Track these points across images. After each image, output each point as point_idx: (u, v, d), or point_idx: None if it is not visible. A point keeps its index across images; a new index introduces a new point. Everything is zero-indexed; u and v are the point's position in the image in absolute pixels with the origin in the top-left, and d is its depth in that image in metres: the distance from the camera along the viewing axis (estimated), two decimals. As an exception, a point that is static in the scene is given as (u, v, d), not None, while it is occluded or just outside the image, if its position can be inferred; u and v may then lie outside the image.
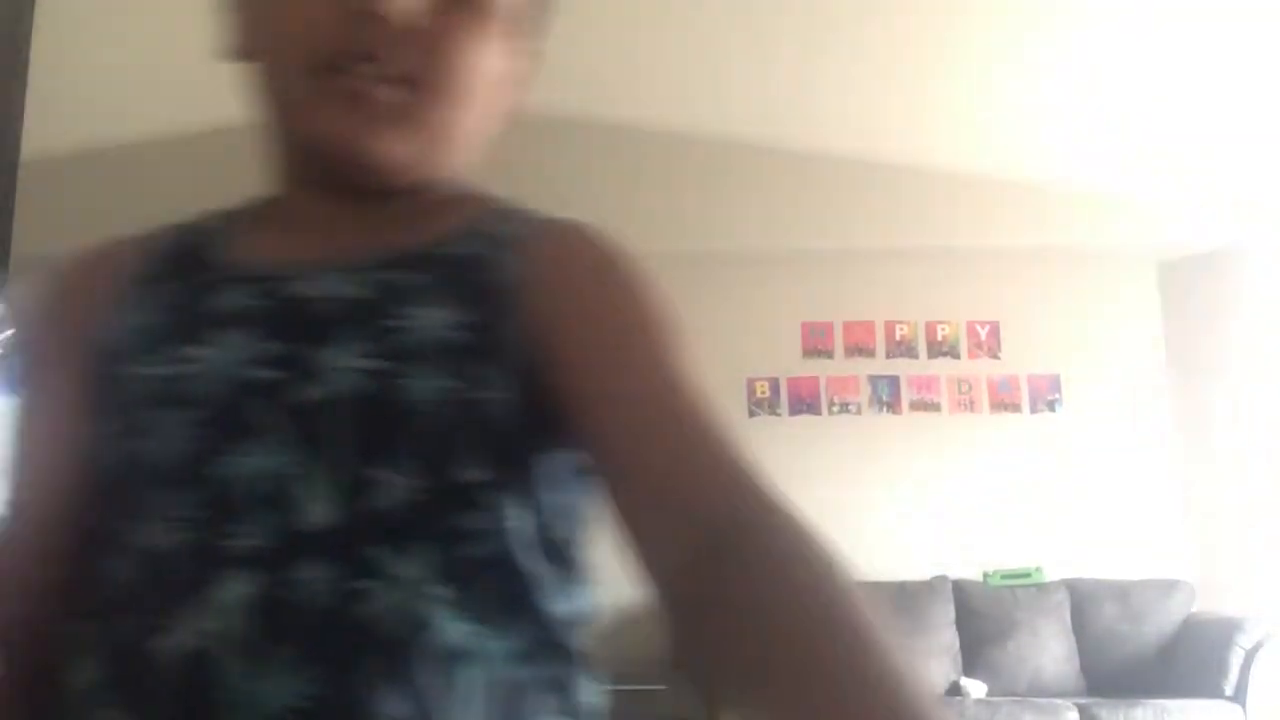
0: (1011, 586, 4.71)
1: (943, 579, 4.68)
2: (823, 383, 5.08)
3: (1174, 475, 4.98)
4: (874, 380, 5.09)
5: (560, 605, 0.60)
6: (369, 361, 0.58)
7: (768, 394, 5.06)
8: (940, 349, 5.12)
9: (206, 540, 0.55)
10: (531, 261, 0.62)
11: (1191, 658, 4.31)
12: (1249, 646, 4.18)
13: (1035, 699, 4.23)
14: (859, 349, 5.11)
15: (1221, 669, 4.14)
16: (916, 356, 5.11)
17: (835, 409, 5.06)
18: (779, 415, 5.04)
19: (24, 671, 0.59)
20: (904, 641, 0.45)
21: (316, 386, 0.57)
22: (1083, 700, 4.20)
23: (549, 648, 0.59)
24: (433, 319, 0.59)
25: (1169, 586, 4.61)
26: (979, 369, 5.10)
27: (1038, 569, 4.79)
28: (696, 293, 4.65)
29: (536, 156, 5.06)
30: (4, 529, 0.62)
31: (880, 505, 4.84)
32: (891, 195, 4.84)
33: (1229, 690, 4.10)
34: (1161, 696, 4.11)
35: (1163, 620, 4.52)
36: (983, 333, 5.12)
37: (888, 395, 5.09)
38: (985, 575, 4.79)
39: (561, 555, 0.62)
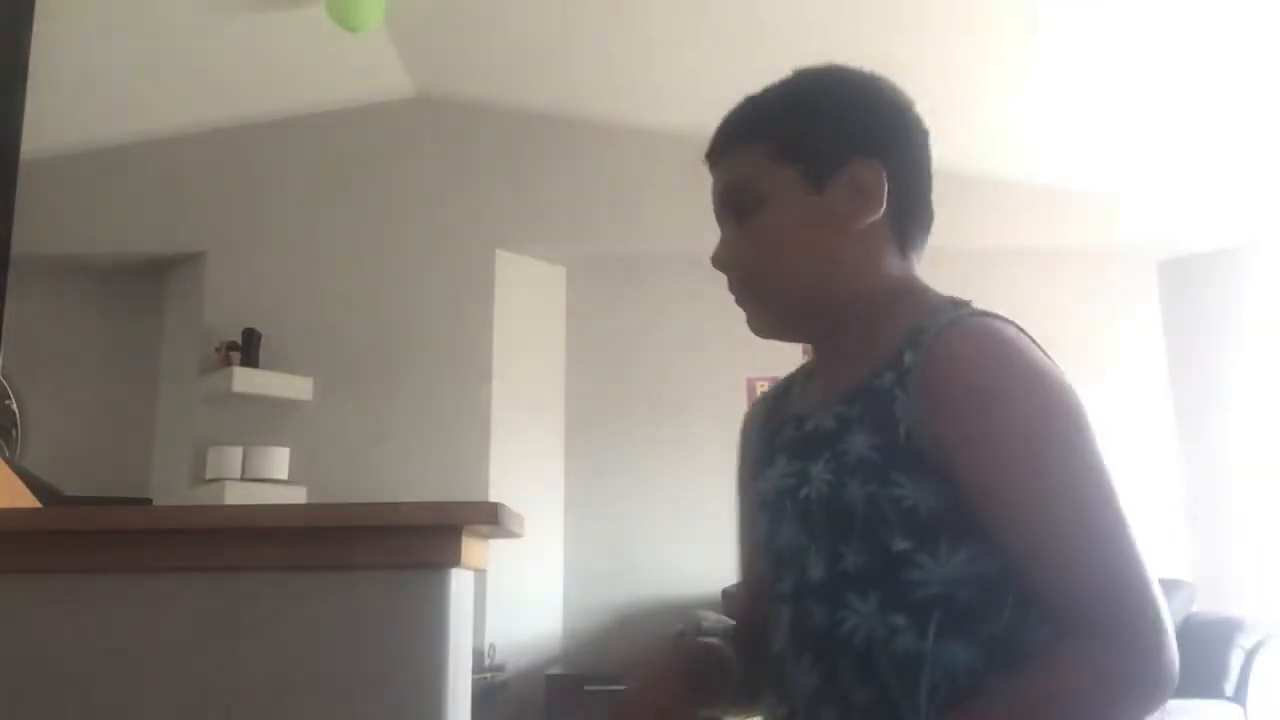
0: (1011, 586, 4.69)
1: (943, 579, 4.67)
2: (823, 383, 5.07)
3: (1174, 475, 4.98)
4: (874, 380, 5.07)
5: (1004, 622, 0.84)
6: (830, 475, 0.90)
7: (768, 394, 5.06)
8: (940, 349, 5.10)
9: (773, 585, 0.96)
10: (916, 391, 0.87)
11: (1191, 658, 4.26)
12: (1249, 646, 4.17)
13: (1035, 699, 4.21)
14: (859, 349, 5.09)
15: (1221, 669, 4.13)
16: (917, 356, 5.09)
17: (835, 409, 5.05)
18: (779, 415, 5.03)
19: (751, 633, 1.04)
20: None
21: (808, 490, 0.92)
22: (1083, 700, 4.18)
23: (1001, 657, 0.83)
24: (860, 443, 0.89)
25: (1169, 586, 4.59)
26: (979, 369, 5.07)
27: (1038, 569, 4.78)
28: (697, 293, 4.65)
29: (537, 156, 5.05)
30: (742, 580, 1.12)
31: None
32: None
33: (1229, 690, 4.10)
34: (1161, 696, 4.10)
35: (1163, 620, 4.51)
36: (983, 333, 5.10)
37: (888, 395, 5.07)
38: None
39: (996, 583, 0.84)
